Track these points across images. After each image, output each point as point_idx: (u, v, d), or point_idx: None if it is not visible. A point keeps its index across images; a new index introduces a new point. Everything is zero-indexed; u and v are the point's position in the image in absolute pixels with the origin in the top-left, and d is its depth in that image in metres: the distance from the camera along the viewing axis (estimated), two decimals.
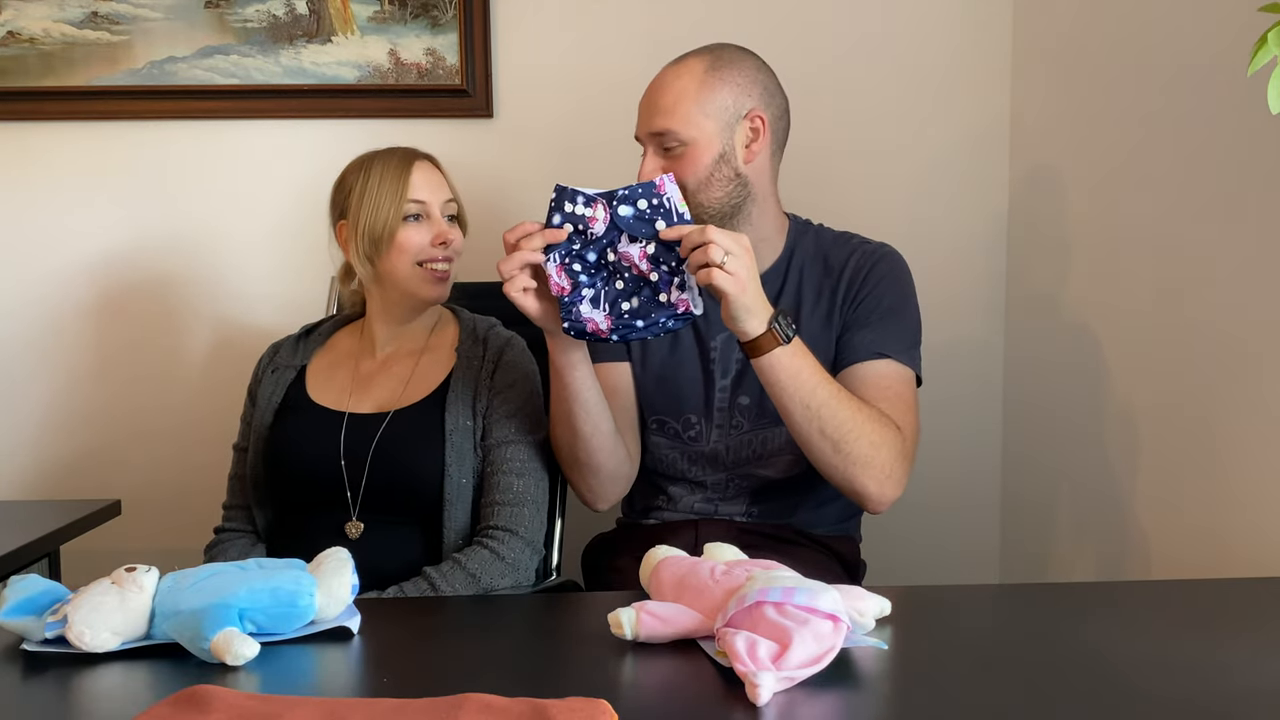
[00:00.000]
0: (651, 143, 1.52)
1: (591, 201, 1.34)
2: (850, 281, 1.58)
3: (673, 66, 1.54)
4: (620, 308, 1.34)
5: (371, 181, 1.56)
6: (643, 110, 1.54)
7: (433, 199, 1.57)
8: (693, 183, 1.50)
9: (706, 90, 1.50)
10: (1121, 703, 0.91)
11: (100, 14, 2.10)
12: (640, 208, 1.33)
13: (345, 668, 1.06)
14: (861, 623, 1.03)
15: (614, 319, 1.34)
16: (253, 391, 1.66)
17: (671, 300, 1.33)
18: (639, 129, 1.54)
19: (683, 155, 1.50)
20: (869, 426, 1.43)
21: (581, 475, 1.56)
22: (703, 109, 1.50)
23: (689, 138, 1.49)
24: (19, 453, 2.18)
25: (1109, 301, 1.82)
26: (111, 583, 1.07)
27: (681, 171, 1.49)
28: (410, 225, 1.55)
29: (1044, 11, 2.05)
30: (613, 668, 1.00)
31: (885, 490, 1.46)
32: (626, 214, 1.33)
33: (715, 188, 1.51)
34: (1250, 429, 1.46)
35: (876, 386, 1.51)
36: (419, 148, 1.62)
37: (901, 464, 1.47)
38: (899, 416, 1.49)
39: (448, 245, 1.56)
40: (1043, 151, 2.06)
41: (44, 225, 2.15)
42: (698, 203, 1.50)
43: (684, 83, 1.51)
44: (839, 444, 1.42)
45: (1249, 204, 1.46)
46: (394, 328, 1.62)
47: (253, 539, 1.60)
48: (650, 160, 1.51)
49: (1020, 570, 2.16)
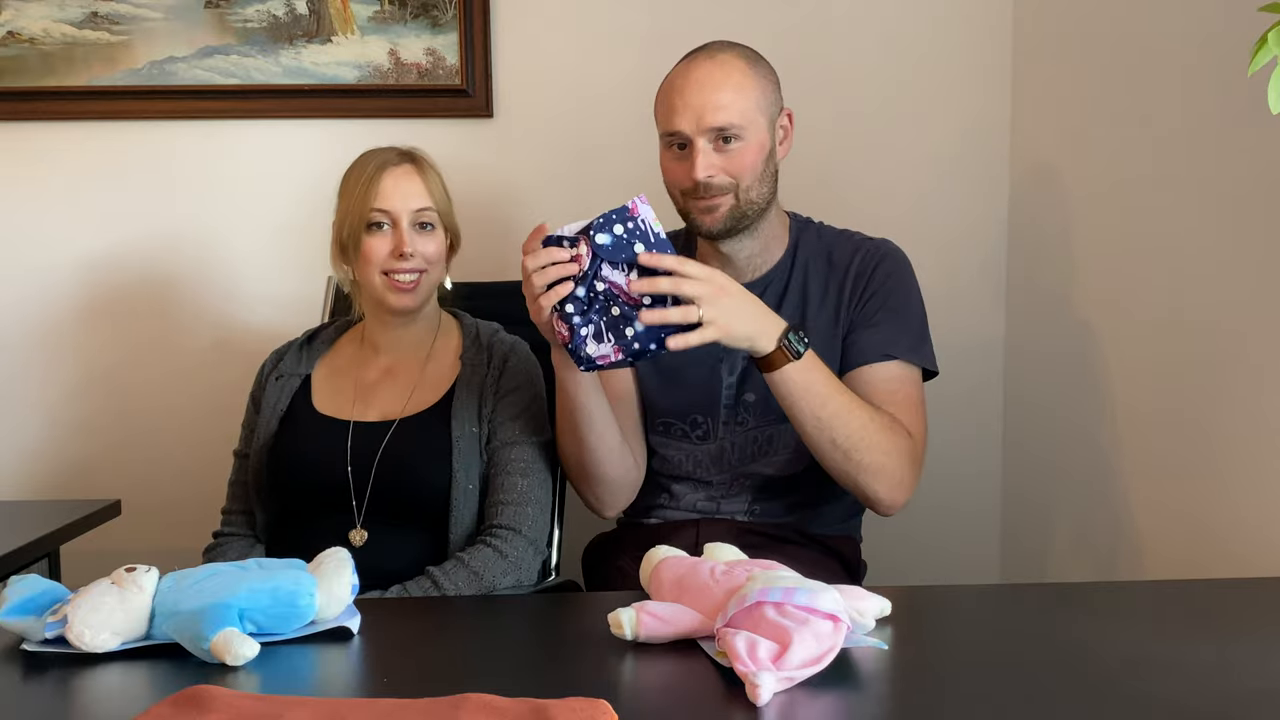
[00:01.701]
0: (706, 137, 1.48)
1: (575, 241, 1.30)
2: (856, 280, 1.58)
3: (709, 61, 1.51)
4: (625, 334, 1.30)
5: (345, 187, 1.57)
6: (691, 105, 1.48)
7: (400, 208, 1.54)
8: (749, 178, 1.50)
9: (756, 87, 1.51)
10: (1121, 703, 0.91)
11: (100, 14, 2.10)
12: (617, 233, 1.29)
13: (345, 668, 1.06)
14: (861, 623, 1.03)
15: (622, 347, 1.30)
16: (255, 398, 1.65)
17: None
18: (685, 124, 1.48)
19: (739, 151, 1.49)
20: (881, 435, 1.44)
21: (589, 485, 1.57)
22: (757, 104, 1.50)
23: (749, 133, 1.49)
24: (19, 453, 2.18)
25: (1110, 300, 1.82)
26: (111, 583, 1.07)
27: (738, 167, 1.49)
28: (375, 234, 1.54)
29: (1044, 11, 2.05)
30: (613, 668, 1.00)
31: (896, 496, 1.48)
32: (605, 241, 1.29)
33: (763, 183, 1.53)
34: (1251, 428, 1.46)
35: (886, 390, 1.52)
36: (417, 148, 1.61)
37: (913, 469, 1.49)
38: (909, 421, 1.50)
39: (405, 257, 1.53)
40: (1043, 150, 2.06)
41: (44, 225, 2.15)
42: (749, 200, 1.51)
43: (736, 78, 1.50)
44: (850, 453, 1.43)
45: (1249, 204, 1.45)
46: (388, 334, 1.62)
47: (251, 541, 1.60)
48: (705, 156, 1.48)
49: (1020, 570, 2.16)
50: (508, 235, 2.11)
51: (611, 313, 1.30)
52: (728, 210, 1.51)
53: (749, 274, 1.61)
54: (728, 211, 1.51)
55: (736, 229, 1.54)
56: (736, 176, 1.50)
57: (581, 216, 1.33)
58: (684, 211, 1.56)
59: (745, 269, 1.61)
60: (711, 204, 1.51)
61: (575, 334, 1.30)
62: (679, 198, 1.55)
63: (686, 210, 1.55)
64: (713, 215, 1.52)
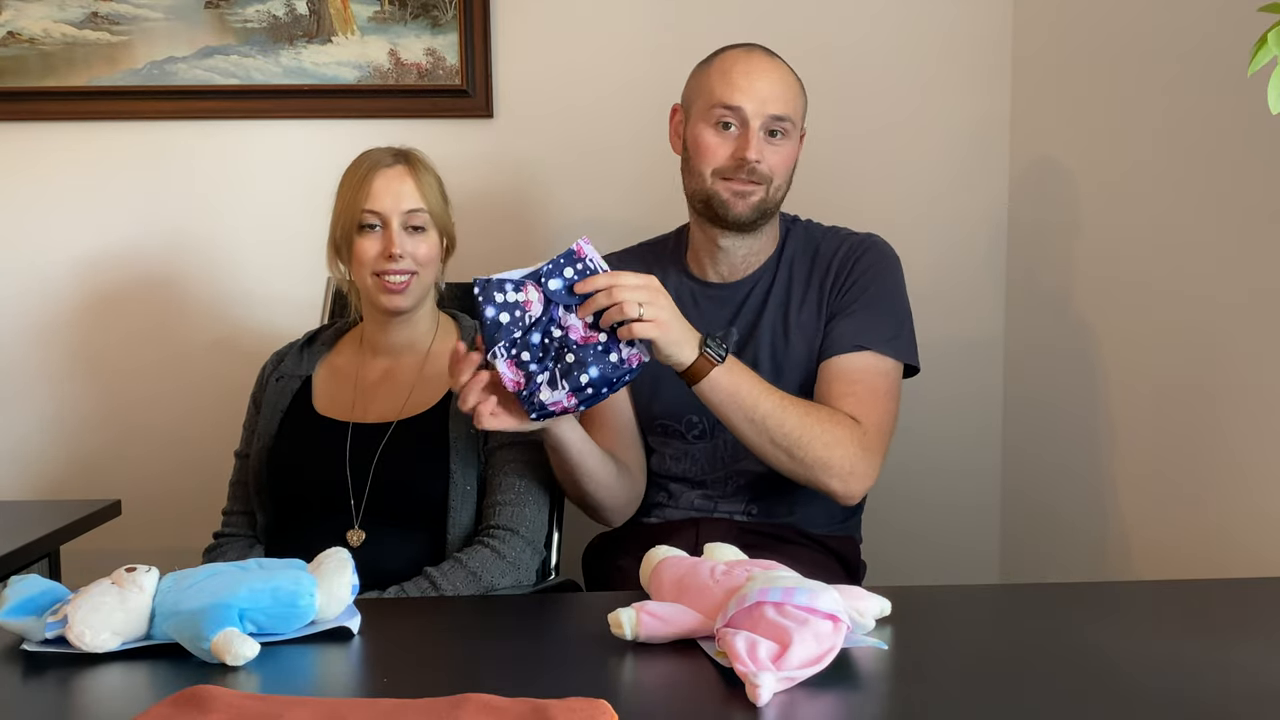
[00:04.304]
0: (761, 123, 1.51)
1: (520, 285, 1.30)
2: (838, 271, 1.59)
3: (769, 57, 1.56)
4: (579, 381, 1.29)
5: (341, 188, 1.58)
6: (758, 89, 1.51)
7: (391, 209, 1.54)
8: (781, 177, 1.55)
9: (800, 95, 1.58)
10: (1122, 703, 0.91)
11: (100, 14, 2.10)
12: (567, 276, 1.30)
13: (345, 668, 1.06)
14: (861, 623, 1.03)
15: (575, 394, 1.30)
16: (256, 399, 1.66)
17: (624, 358, 1.31)
18: (748, 104, 1.51)
19: (783, 147, 1.55)
20: (819, 428, 1.44)
21: (594, 511, 1.59)
22: (799, 111, 1.57)
23: (792, 134, 1.56)
24: (19, 453, 2.18)
25: (1110, 300, 1.82)
26: (111, 583, 1.07)
27: (778, 162, 1.54)
28: (366, 235, 1.54)
29: (1044, 11, 2.05)
30: (613, 668, 1.00)
31: (851, 486, 1.47)
32: (557, 287, 1.30)
33: (786, 185, 1.58)
34: (1250, 427, 1.46)
35: (846, 380, 1.52)
36: (413, 149, 1.61)
37: (865, 456, 1.47)
38: (863, 410, 1.49)
39: (394, 259, 1.53)
40: (1043, 148, 2.06)
41: (44, 225, 2.15)
42: (774, 198, 1.55)
43: (791, 79, 1.56)
44: (792, 450, 1.43)
45: (1249, 203, 1.46)
46: (386, 335, 1.62)
47: (250, 541, 1.60)
48: (759, 140, 1.51)
49: (1020, 570, 2.16)
50: (507, 235, 2.12)
51: (566, 359, 1.30)
52: (757, 201, 1.53)
53: (740, 271, 1.61)
54: (757, 202, 1.53)
55: (756, 224, 1.56)
56: (773, 170, 1.53)
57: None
58: (710, 194, 1.54)
59: (739, 266, 1.61)
60: (747, 189, 1.52)
61: (531, 380, 1.30)
62: (707, 178, 1.54)
63: (714, 192, 1.54)
64: (745, 201, 1.53)
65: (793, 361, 1.57)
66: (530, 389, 1.30)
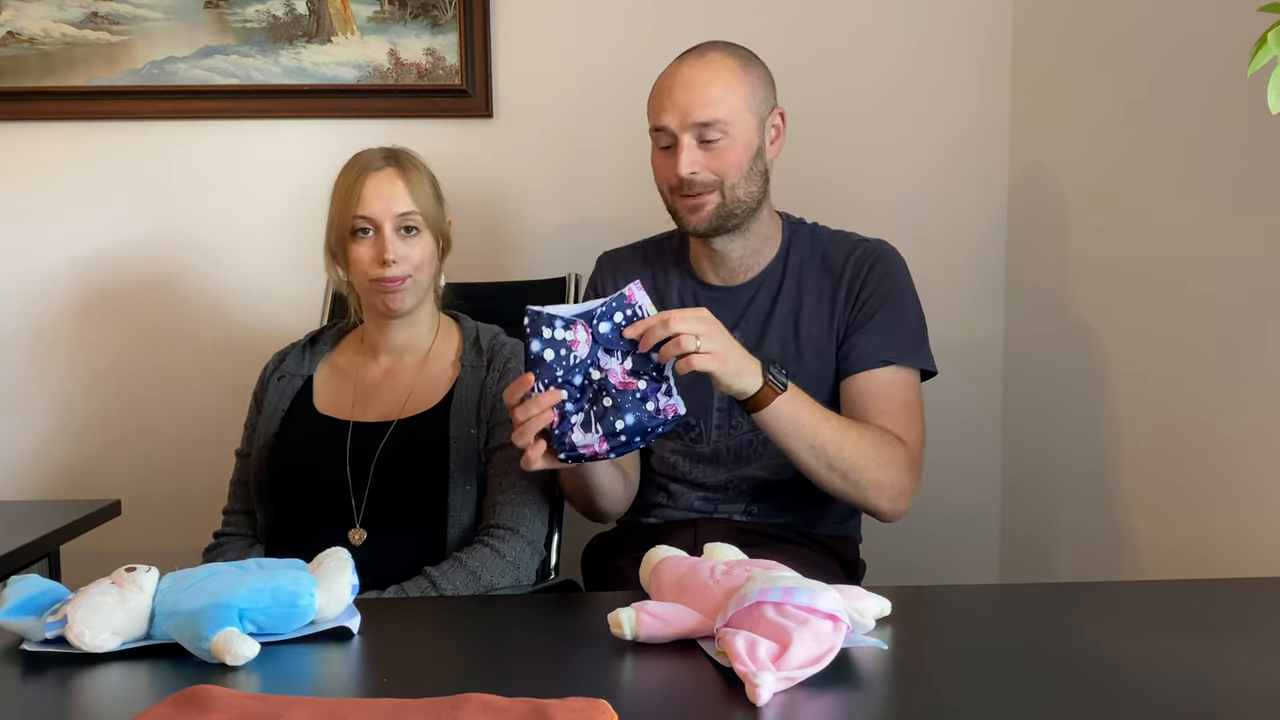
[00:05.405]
0: (690, 133, 1.49)
1: (570, 324, 1.27)
2: (851, 282, 1.58)
3: (699, 60, 1.51)
4: (613, 426, 1.27)
5: (333, 194, 1.58)
6: (678, 102, 1.49)
7: (382, 213, 1.53)
8: (734, 177, 1.50)
9: (747, 85, 1.51)
10: (1121, 703, 0.91)
11: (100, 14, 2.10)
12: (617, 321, 1.27)
13: (345, 668, 1.06)
14: (861, 623, 1.03)
15: (609, 439, 1.28)
16: (258, 398, 1.66)
17: (660, 407, 1.28)
18: (671, 120, 1.49)
19: (725, 149, 1.49)
20: (874, 451, 1.45)
21: (595, 517, 1.61)
22: (746, 103, 1.50)
23: (735, 131, 1.49)
24: (19, 453, 2.18)
25: (1109, 299, 1.82)
26: (111, 583, 1.07)
27: (723, 165, 1.49)
28: (360, 241, 1.54)
29: (1043, 10, 2.05)
30: (613, 668, 1.00)
31: (899, 506, 1.49)
32: (606, 330, 1.27)
33: (751, 182, 1.52)
34: (1250, 427, 1.46)
35: (882, 397, 1.52)
36: (404, 149, 1.60)
37: (911, 476, 1.50)
38: (904, 428, 1.50)
39: (388, 264, 1.52)
40: (1042, 149, 2.06)
41: (44, 225, 2.15)
42: (735, 198, 1.51)
43: (725, 76, 1.50)
44: (848, 474, 1.44)
45: (1248, 203, 1.46)
46: (386, 336, 1.62)
47: (250, 541, 1.60)
48: (689, 152, 1.48)
49: (1020, 570, 2.16)
50: (506, 236, 2.12)
51: (603, 403, 1.28)
52: (714, 208, 1.51)
53: (741, 275, 1.61)
54: (714, 210, 1.51)
55: (724, 228, 1.54)
56: (721, 174, 1.50)
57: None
58: (672, 210, 1.56)
59: (738, 269, 1.61)
60: (697, 202, 1.51)
61: (565, 420, 1.28)
62: (668, 195, 1.55)
63: (674, 208, 1.55)
64: (698, 214, 1.52)
65: (805, 374, 1.54)
66: (563, 429, 1.28)
